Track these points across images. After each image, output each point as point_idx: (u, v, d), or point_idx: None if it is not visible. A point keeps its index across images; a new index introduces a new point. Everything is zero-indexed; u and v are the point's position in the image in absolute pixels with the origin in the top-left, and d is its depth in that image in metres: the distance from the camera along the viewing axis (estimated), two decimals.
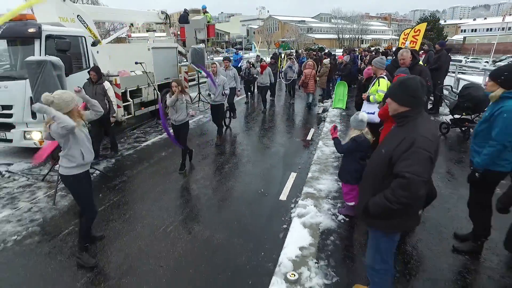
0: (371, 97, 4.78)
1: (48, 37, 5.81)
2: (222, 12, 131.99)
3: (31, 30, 5.55)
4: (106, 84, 6.28)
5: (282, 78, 13.08)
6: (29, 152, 6.65)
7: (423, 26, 16.63)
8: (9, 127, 6.04)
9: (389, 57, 11.37)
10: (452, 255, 3.33)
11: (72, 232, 4.01)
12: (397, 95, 2.07)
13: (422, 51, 11.99)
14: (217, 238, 3.87)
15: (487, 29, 70.35)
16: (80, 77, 6.43)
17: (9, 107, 5.82)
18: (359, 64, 13.72)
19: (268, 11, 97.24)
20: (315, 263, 3.24)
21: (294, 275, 3.04)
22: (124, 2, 38.34)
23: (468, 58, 48.47)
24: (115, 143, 6.76)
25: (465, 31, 77.42)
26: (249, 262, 3.46)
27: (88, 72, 6.18)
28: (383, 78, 4.74)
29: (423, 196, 1.96)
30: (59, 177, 5.14)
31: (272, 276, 3.08)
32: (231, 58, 21.41)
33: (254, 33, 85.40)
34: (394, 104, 2.09)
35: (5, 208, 4.57)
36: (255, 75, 11.64)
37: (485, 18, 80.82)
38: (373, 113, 4.56)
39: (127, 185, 5.42)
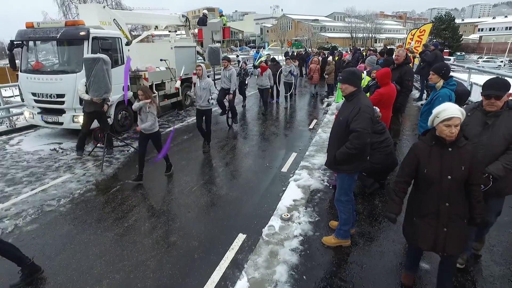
0: None
1: (94, 38, 7.06)
2: (236, 11, 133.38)
3: (82, 33, 6.80)
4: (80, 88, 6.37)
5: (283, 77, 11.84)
6: (74, 133, 7.96)
7: (428, 27, 17.46)
8: (61, 112, 7.33)
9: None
10: None
11: (119, 190, 5.23)
12: (352, 80, 3.13)
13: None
14: (231, 196, 5.01)
15: (507, 28, 68.97)
16: (117, 71, 7.67)
17: (62, 95, 7.10)
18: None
19: (282, 10, 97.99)
20: (304, 209, 4.34)
21: (287, 215, 4.15)
22: (141, 1, 39.93)
23: (482, 58, 48.33)
24: (110, 140, 6.71)
25: (482, 30, 76.28)
26: (254, 210, 4.58)
27: None
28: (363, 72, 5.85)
29: (369, 143, 3.08)
30: (105, 150, 6.42)
31: (271, 217, 4.20)
32: (253, 57, 21.01)
33: (267, 31, 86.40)
34: (350, 87, 3.15)
35: (66, 173, 5.84)
36: (255, 76, 10.64)
37: (506, 16, 79.08)
38: None
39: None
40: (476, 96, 8.64)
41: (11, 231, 4.08)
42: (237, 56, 19.23)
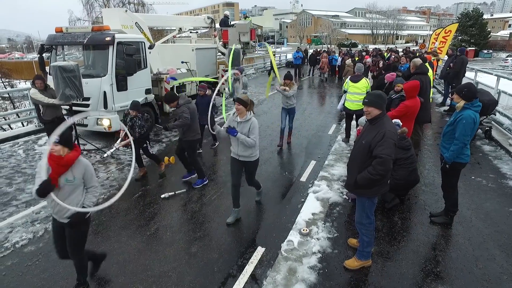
0: None
1: (119, 43, 7.23)
2: (255, 6, 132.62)
3: (107, 38, 6.99)
4: (31, 91, 6.30)
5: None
6: (98, 135, 8.23)
7: (454, 27, 16.89)
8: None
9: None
10: (428, 225, 4.31)
11: (141, 196, 5.38)
12: (378, 104, 3.09)
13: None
14: (250, 205, 5.07)
15: None
16: (140, 75, 7.86)
17: (87, 98, 7.31)
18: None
19: (301, 5, 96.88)
20: (323, 224, 4.35)
21: (306, 230, 4.18)
22: None
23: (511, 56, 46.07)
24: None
25: None
26: (274, 222, 4.62)
27: (33, 81, 6.38)
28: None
29: (391, 169, 3.03)
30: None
31: (290, 231, 4.24)
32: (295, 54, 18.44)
33: (286, 27, 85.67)
34: (376, 111, 3.11)
35: None
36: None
37: None
38: None
39: (177, 165, 6.73)
40: (504, 104, 8.34)
41: (41, 235, 4.29)
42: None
